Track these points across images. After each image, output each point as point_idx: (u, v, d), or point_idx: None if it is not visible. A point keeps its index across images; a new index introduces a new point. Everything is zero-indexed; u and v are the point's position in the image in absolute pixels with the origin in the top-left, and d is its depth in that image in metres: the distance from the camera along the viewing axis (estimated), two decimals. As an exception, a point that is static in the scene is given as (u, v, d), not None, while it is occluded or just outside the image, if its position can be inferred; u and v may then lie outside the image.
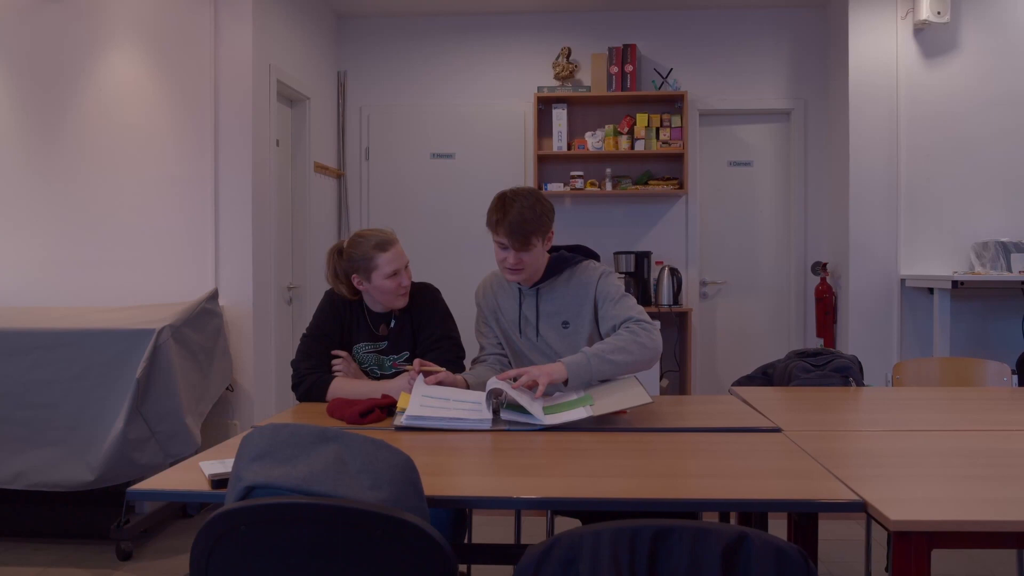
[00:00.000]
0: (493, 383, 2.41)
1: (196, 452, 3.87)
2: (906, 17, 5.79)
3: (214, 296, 4.56)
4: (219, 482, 1.78)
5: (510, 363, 2.92)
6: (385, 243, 2.88)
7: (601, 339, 2.79)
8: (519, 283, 2.86)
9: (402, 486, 1.55)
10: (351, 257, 2.89)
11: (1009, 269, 5.43)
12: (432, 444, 2.16)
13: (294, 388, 2.88)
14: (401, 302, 2.94)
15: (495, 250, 2.78)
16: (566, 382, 2.51)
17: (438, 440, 2.21)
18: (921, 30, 5.77)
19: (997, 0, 5.76)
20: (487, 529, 4.19)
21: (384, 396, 2.62)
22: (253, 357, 4.85)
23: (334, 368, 2.89)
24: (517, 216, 2.68)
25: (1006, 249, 5.50)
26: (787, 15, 6.50)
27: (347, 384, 2.81)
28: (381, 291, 2.88)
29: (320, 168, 6.16)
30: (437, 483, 1.78)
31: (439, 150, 6.66)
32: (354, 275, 2.90)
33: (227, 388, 4.65)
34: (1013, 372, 3.41)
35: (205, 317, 4.42)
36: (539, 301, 2.87)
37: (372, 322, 2.97)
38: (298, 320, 5.82)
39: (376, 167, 6.67)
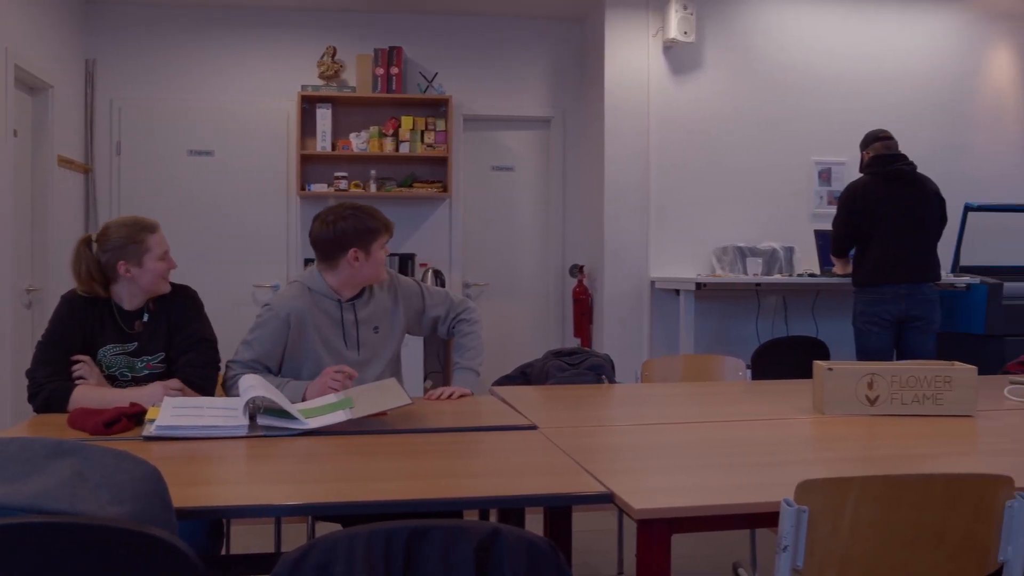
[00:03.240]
0: (250, 389, 2.34)
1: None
2: (656, 35, 6.14)
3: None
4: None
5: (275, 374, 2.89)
6: (152, 225, 2.82)
7: (407, 332, 3.15)
8: (339, 298, 2.97)
9: (147, 499, 1.47)
10: (115, 244, 2.73)
11: (745, 272, 5.88)
12: (185, 453, 2.07)
13: (30, 400, 2.67)
14: (165, 286, 2.85)
15: (378, 256, 2.93)
16: None
17: (192, 449, 2.12)
18: (670, 48, 6.14)
19: (737, 24, 6.23)
20: (249, 539, 4.06)
21: (132, 404, 2.47)
22: (-15, 365, 4.46)
23: (75, 375, 2.70)
24: (372, 209, 2.98)
25: (743, 253, 5.95)
26: (548, 26, 6.73)
27: (91, 392, 2.63)
28: (153, 274, 2.78)
29: (65, 162, 5.75)
30: (191, 494, 1.71)
31: (197, 147, 6.39)
32: (120, 263, 2.73)
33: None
34: (748, 367, 3.69)
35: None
36: (356, 313, 2.98)
37: (123, 320, 2.81)
38: (39, 325, 5.41)
39: (128, 163, 6.31)
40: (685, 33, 5.94)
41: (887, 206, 4.91)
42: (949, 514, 1.60)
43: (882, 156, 5.01)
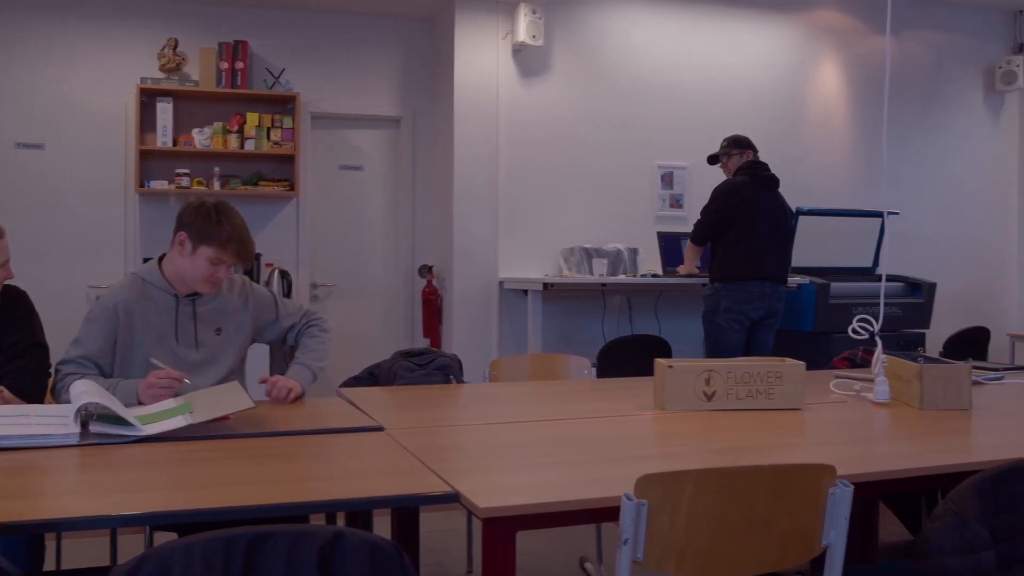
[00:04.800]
0: (82, 395, 2.22)
1: None
2: (506, 38, 6.20)
3: None
4: None
5: (105, 375, 2.74)
6: None
7: (253, 341, 3.02)
8: (175, 292, 2.82)
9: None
10: None
11: (591, 272, 6.01)
12: (9, 464, 1.95)
13: None
14: None
15: (200, 262, 2.73)
16: None
17: (17, 460, 2.00)
18: (519, 51, 6.21)
19: (585, 30, 6.36)
20: (83, 552, 3.87)
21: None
22: None
23: None
24: (245, 235, 2.77)
25: (589, 254, 6.09)
26: (399, 26, 6.70)
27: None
28: None
29: None
30: (13, 508, 1.61)
31: (25, 139, 6.05)
32: None
33: None
34: (593, 365, 3.78)
35: None
36: (195, 309, 2.84)
37: None
38: None
39: (-54, 155, 5.92)
40: (534, 37, 6.03)
41: (758, 207, 5.20)
42: (778, 503, 1.68)
43: (756, 161, 5.36)
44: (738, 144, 5.45)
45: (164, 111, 6.06)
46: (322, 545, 1.33)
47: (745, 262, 5.16)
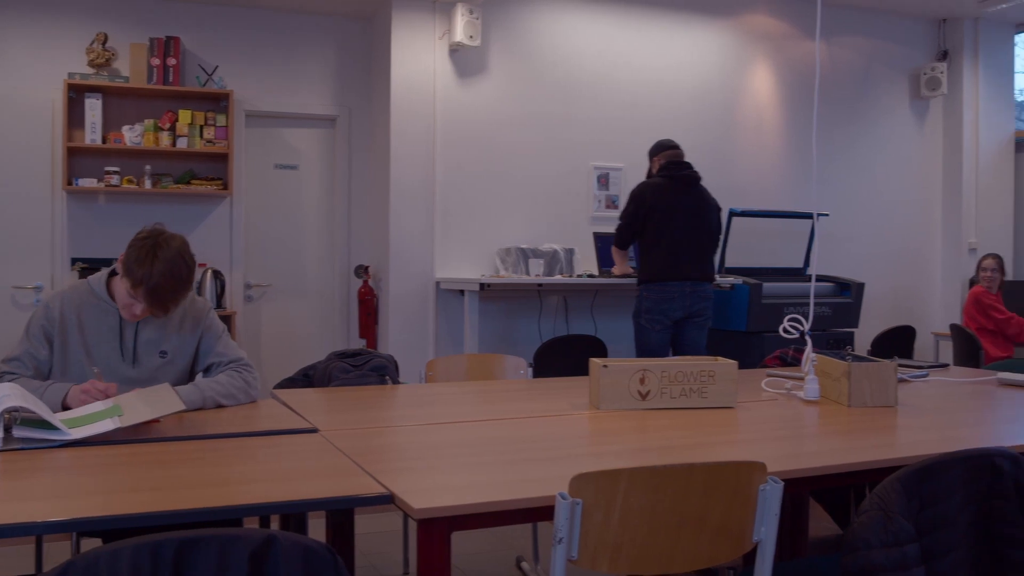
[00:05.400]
0: (5, 399, 2.16)
1: None
2: (443, 38, 6.19)
3: None
4: None
5: (44, 378, 2.66)
6: None
7: (196, 371, 2.85)
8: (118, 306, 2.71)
9: None
10: None
11: (528, 272, 6.03)
12: (-74, 470, 1.89)
13: None
14: None
15: (121, 290, 2.63)
16: None
17: (-66, 465, 1.94)
18: (456, 51, 6.20)
19: (522, 31, 6.38)
20: (6, 561, 3.77)
21: None
22: None
23: None
24: (166, 285, 2.56)
25: (525, 255, 6.10)
26: (335, 24, 6.64)
27: None
28: None
29: None
30: (-71, 516, 1.56)
31: (-55, 135, 5.88)
32: None
33: None
34: (530, 365, 3.79)
35: None
36: (139, 328, 2.75)
37: None
38: None
39: None
40: (471, 37, 6.02)
41: (675, 208, 5.20)
42: (709, 500, 1.71)
43: (674, 162, 5.33)
44: (656, 150, 5.46)
45: (93, 107, 5.92)
46: (253, 549, 1.32)
47: (662, 263, 5.18)
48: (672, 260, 5.17)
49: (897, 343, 6.48)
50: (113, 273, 2.75)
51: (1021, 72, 7.98)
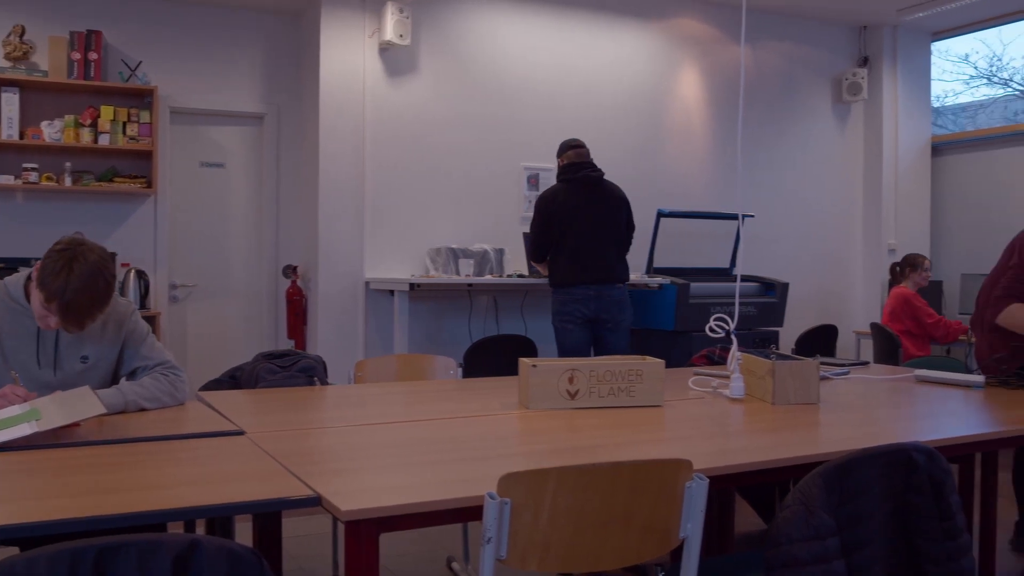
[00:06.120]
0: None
1: None
2: (373, 37, 6.15)
3: None
4: None
5: None
6: None
7: (120, 376, 2.77)
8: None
9: None
10: None
11: (458, 272, 6.02)
12: None
13: None
14: None
15: (35, 300, 2.48)
16: None
17: None
18: (386, 50, 6.17)
19: (452, 31, 6.36)
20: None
21: None
22: None
23: None
24: (79, 301, 2.42)
25: (456, 255, 6.09)
26: (263, 20, 6.55)
27: None
28: None
29: None
30: None
31: None
32: None
33: None
34: (460, 365, 3.79)
35: None
36: (59, 332, 2.64)
37: None
38: None
39: None
40: (401, 36, 5.99)
41: (576, 211, 5.16)
42: (636, 497, 1.73)
43: (573, 164, 5.27)
44: (561, 150, 5.38)
45: (10, 101, 5.75)
46: (177, 554, 1.29)
47: (564, 270, 5.16)
48: (573, 266, 5.13)
49: (820, 342, 6.63)
50: (31, 278, 2.65)
51: (938, 79, 8.24)
